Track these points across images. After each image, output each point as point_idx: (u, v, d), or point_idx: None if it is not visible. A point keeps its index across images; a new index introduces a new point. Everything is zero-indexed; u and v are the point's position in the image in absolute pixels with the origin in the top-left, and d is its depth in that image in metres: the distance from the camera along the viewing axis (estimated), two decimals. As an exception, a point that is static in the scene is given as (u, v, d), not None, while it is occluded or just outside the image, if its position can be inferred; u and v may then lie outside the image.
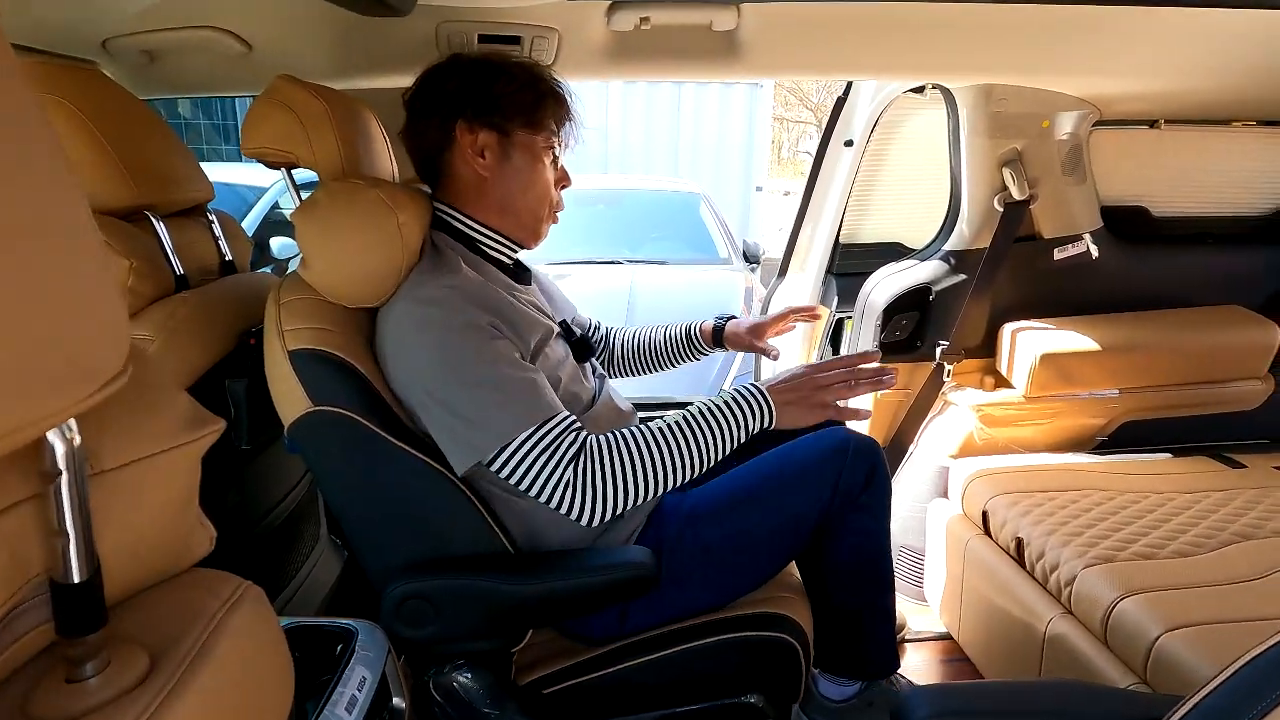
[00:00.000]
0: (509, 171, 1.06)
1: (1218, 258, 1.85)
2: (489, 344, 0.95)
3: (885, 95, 1.72)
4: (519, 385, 0.95)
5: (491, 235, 1.10)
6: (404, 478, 0.99)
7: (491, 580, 1.00)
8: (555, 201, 1.14)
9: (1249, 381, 1.77)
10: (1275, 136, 1.82)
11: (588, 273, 3.69)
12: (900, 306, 1.76)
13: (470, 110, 1.03)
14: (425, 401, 0.96)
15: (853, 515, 1.14)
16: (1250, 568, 1.23)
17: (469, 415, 0.94)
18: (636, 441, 0.98)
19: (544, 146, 1.08)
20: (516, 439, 0.93)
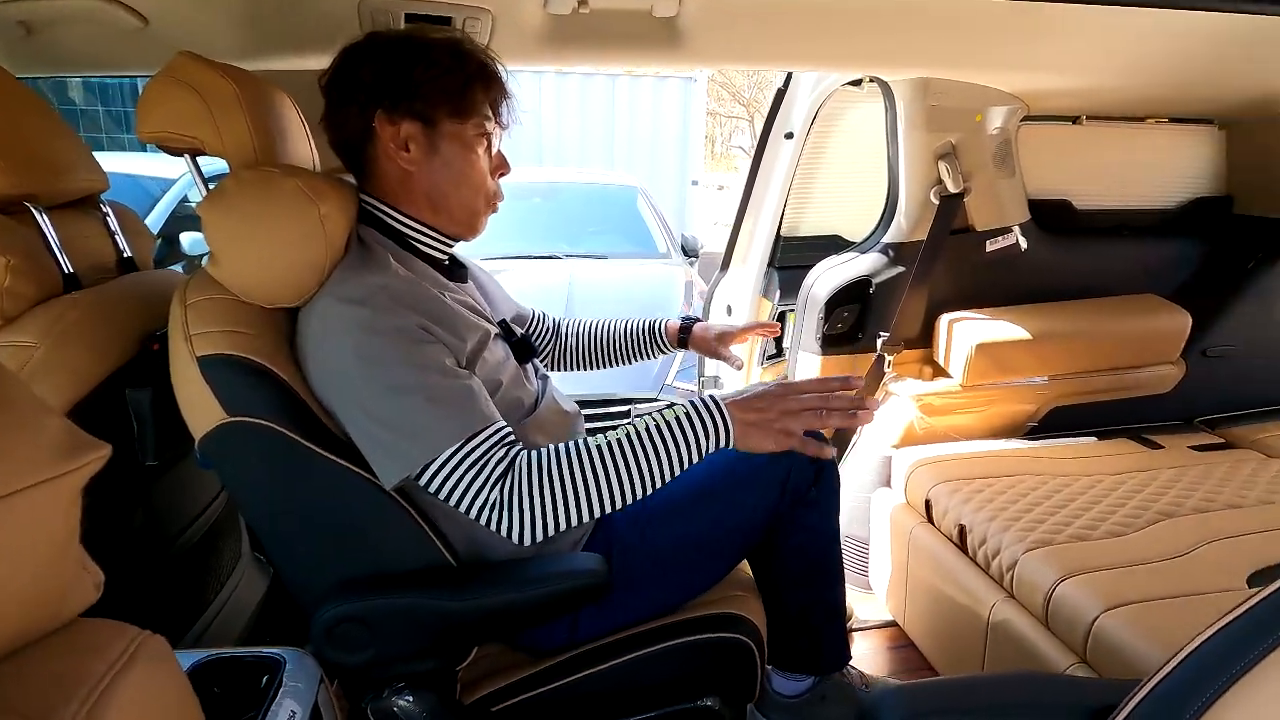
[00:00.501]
0: (437, 165, 0.97)
1: (1134, 249, 1.94)
2: (418, 348, 0.88)
3: (825, 87, 1.72)
4: (449, 394, 0.88)
5: (423, 230, 1.02)
6: (333, 491, 0.91)
7: (433, 597, 0.93)
8: (492, 192, 1.05)
9: (1163, 366, 1.86)
10: (1185, 133, 1.92)
11: (525, 268, 3.60)
12: (842, 299, 1.76)
13: (389, 100, 0.93)
14: (348, 409, 0.88)
15: (802, 511, 1.13)
16: (1175, 545, 1.29)
17: (395, 425, 0.86)
18: (575, 459, 0.89)
19: (476, 134, 0.98)
20: (444, 453, 0.86)
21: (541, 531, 0.88)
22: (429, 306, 0.92)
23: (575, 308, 3.23)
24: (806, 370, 1.86)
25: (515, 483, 0.87)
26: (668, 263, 3.99)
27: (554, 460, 0.89)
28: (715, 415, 0.91)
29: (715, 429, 0.90)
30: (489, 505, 0.87)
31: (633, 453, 0.90)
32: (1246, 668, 0.55)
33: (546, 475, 0.88)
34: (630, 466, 0.89)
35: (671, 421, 0.91)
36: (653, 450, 0.90)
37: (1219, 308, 1.90)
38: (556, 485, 0.88)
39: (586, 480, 0.88)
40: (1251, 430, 1.82)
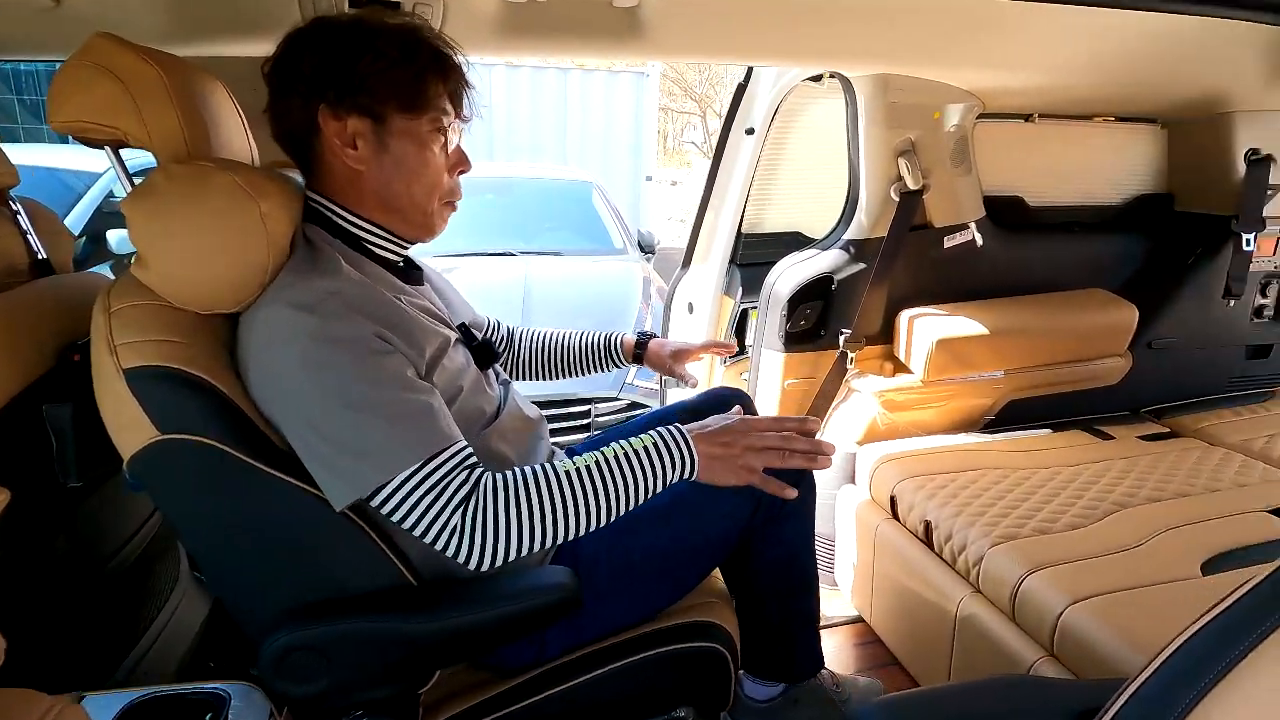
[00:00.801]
0: (387, 164, 0.90)
1: (1083, 244, 1.99)
2: (373, 359, 0.82)
3: (785, 83, 1.71)
4: (406, 411, 0.82)
5: (375, 231, 0.95)
6: (282, 511, 0.85)
7: (393, 621, 0.88)
8: (449, 190, 0.98)
9: (1112, 358, 1.92)
10: (1130, 132, 1.97)
11: (478, 265, 3.51)
12: (804, 296, 1.76)
13: (333, 93, 0.86)
14: (294, 424, 0.82)
15: (777, 526, 1.11)
16: (1132, 535, 1.32)
17: (347, 444, 0.80)
18: (540, 484, 0.86)
19: (431, 130, 0.91)
20: (400, 475, 0.80)
21: (502, 557, 0.84)
22: (384, 313, 0.86)
23: (532, 306, 3.17)
24: (770, 368, 1.85)
25: (479, 507, 0.83)
26: (625, 259, 3.95)
27: (519, 484, 0.86)
28: (681, 447, 0.91)
29: (680, 461, 0.91)
30: (449, 530, 0.82)
31: (600, 480, 0.88)
32: (1228, 668, 0.55)
33: (512, 500, 0.84)
34: (596, 494, 0.87)
35: (640, 451, 0.90)
36: (619, 479, 0.88)
37: (1163, 301, 1.96)
38: (522, 510, 0.84)
39: (552, 506, 0.85)
40: (1194, 419, 1.88)
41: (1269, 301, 2.07)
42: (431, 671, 0.96)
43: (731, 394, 1.40)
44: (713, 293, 2.03)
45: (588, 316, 3.22)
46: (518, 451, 1.07)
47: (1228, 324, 2.04)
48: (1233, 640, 0.56)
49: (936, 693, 0.71)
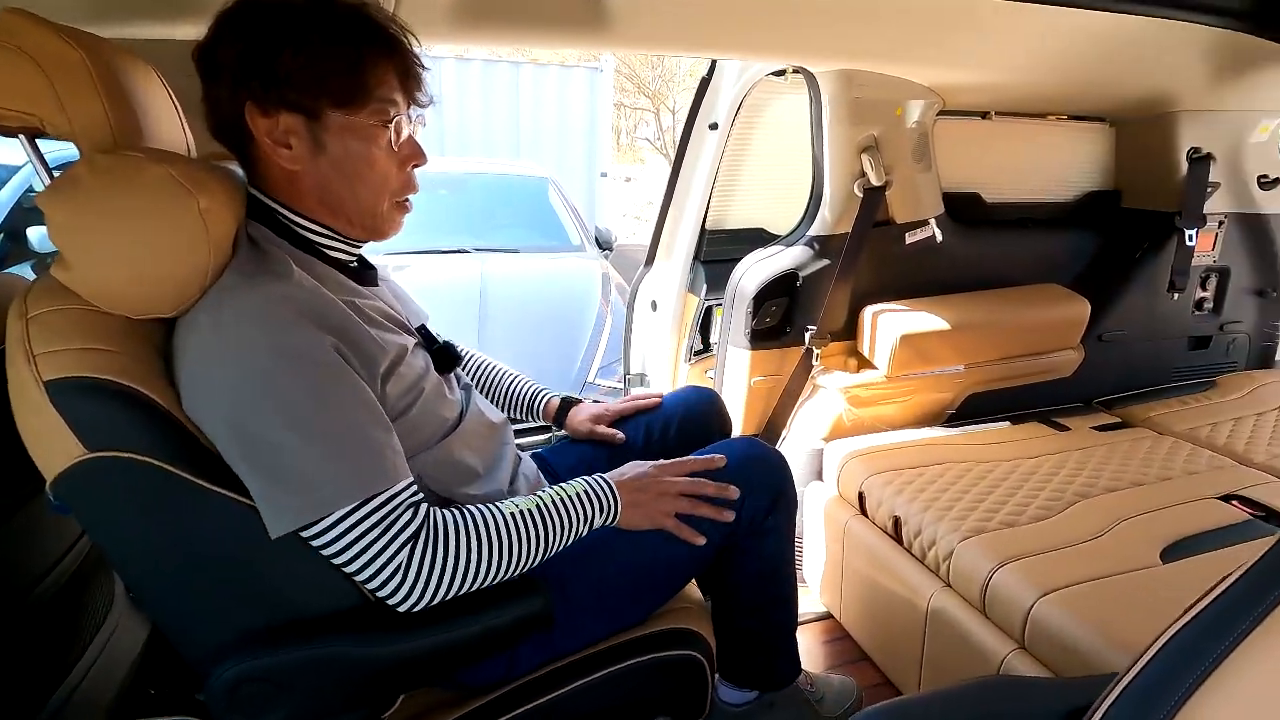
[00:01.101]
0: (325, 165, 0.82)
1: (1037, 240, 2.03)
2: (324, 380, 0.76)
3: (749, 77, 1.69)
4: (358, 439, 0.77)
5: (323, 231, 0.88)
6: (230, 531, 0.78)
7: (353, 644, 0.82)
8: (400, 188, 0.90)
9: (1066, 351, 1.96)
10: (1080, 130, 2.02)
11: (431, 263, 3.41)
12: (770, 293, 1.74)
13: (258, 87, 0.78)
14: (230, 443, 0.75)
15: (758, 540, 1.09)
16: (1094, 525, 1.34)
17: (285, 472, 0.74)
18: (487, 525, 0.85)
19: (375, 124, 0.83)
20: (342, 509, 0.75)
21: (440, 598, 0.81)
22: (342, 322, 0.80)
23: (489, 305, 3.10)
24: (736, 365, 1.83)
25: (428, 544, 0.80)
26: (582, 256, 3.90)
27: (469, 524, 0.84)
28: (608, 495, 0.96)
29: (606, 507, 0.96)
30: (393, 566, 0.78)
31: (542, 522, 0.89)
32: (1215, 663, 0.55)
33: (461, 539, 0.82)
34: (535, 537, 0.88)
35: (574, 498, 0.93)
36: (556, 523, 0.90)
37: (1112, 295, 2.02)
38: (470, 550, 0.82)
39: (496, 548, 0.84)
40: (1143, 409, 1.94)
41: (1208, 295, 2.15)
42: (396, 695, 0.91)
43: (703, 393, 1.38)
44: (677, 290, 2.00)
45: (547, 316, 3.17)
46: (483, 459, 1.03)
47: (1172, 317, 2.11)
48: (1218, 634, 0.56)
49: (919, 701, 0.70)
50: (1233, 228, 2.08)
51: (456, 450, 0.97)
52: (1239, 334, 2.22)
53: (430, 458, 0.93)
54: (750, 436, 1.29)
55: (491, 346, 2.77)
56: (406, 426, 0.88)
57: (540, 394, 1.31)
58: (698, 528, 1.04)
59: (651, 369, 2.16)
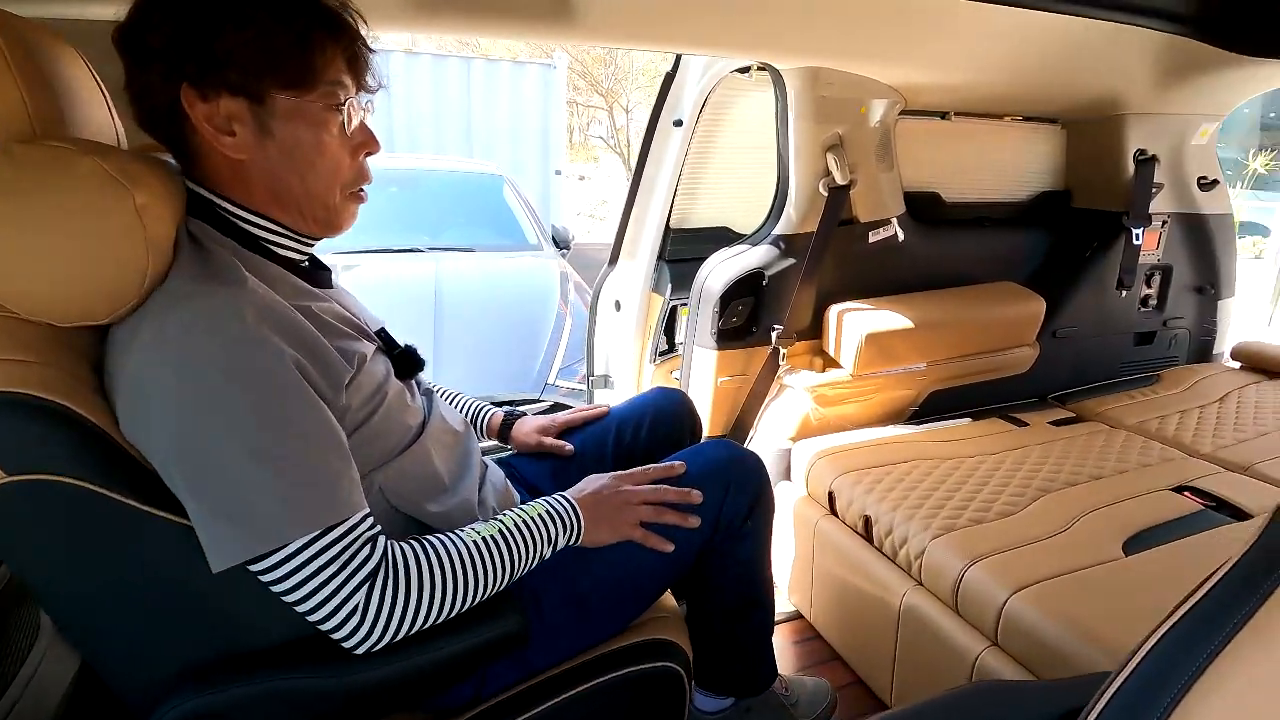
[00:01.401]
0: (273, 152, 0.76)
1: (993, 239, 2.07)
2: (282, 396, 0.69)
3: (714, 73, 1.67)
4: (313, 466, 0.70)
5: (272, 228, 0.81)
6: (173, 557, 0.72)
7: (312, 675, 0.76)
8: (354, 177, 0.84)
9: (1023, 348, 2.01)
10: (1034, 131, 2.07)
11: (383, 263, 3.30)
12: (736, 292, 1.72)
13: (195, 69, 0.71)
14: (170, 466, 0.68)
15: (736, 544, 1.07)
16: (1058, 520, 1.36)
17: (232, 500, 0.67)
18: (450, 556, 0.80)
19: (325, 107, 0.77)
20: (293, 542, 0.69)
21: (400, 636, 0.76)
22: (300, 334, 0.73)
23: (444, 306, 3.01)
24: (702, 366, 1.81)
25: (387, 582, 0.74)
26: (540, 255, 3.83)
27: (431, 557, 0.79)
28: (571, 515, 0.93)
29: (569, 528, 0.93)
30: (349, 606, 0.71)
31: (506, 548, 0.85)
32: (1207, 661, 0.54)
33: (422, 573, 0.77)
34: (498, 566, 0.84)
35: (536, 520, 0.90)
36: (520, 548, 0.87)
37: (1065, 293, 2.07)
38: (425, 588, 0.77)
39: (461, 580, 0.80)
40: (1095, 403, 2.00)
41: (1153, 292, 2.23)
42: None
43: (672, 395, 1.35)
44: (641, 290, 1.97)
45: (505, 316, 3.10)
46: (448, 469, 0.97)
47: (1120, 313, 2.18)
48: (1206, 635, 0.55)
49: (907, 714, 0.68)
50: (1175, 227, 2.16)
51: (421, 460, 0.92)
52: (1180, 329, 2.31)
53: (394, 469, 0.87)
54: (725, 439, 1.27)
55: (448, 348, 2.70)
56: (367, 436, 0.83)
57: (482, 411, 1.26)
58: (668, 536, 1.01)
59: (615, 370, 2.12)
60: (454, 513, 0.93)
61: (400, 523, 0.88)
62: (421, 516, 0.90)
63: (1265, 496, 1.45)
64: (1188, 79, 1.79)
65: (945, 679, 1.24)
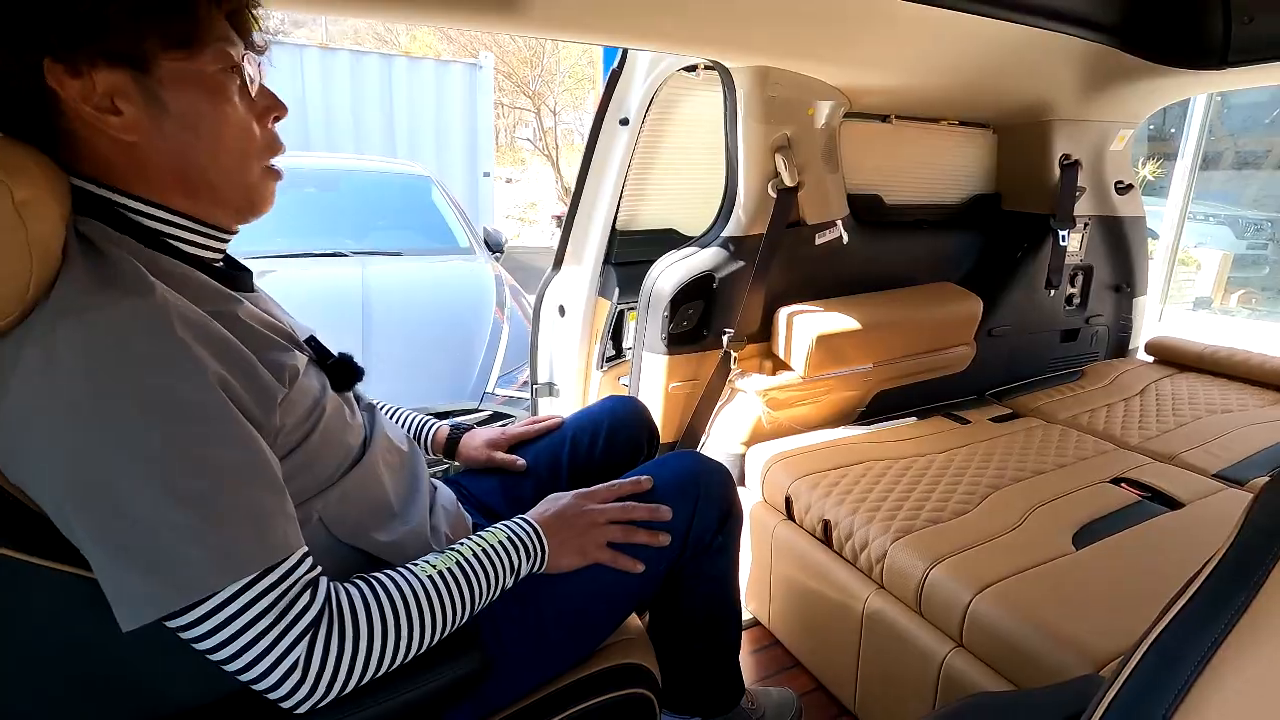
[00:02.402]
0: (171, 128, 0.66)
1: (931, 240, 2.11)
2: (200, 422, 0.59)
3: (661, 71, 1.62)
4: (242, 503, 0.61)
5: (179, 222, 0.70)
6: (70, 617, 0.61)
7: (247, 739, 0.66)
8: (266, 146, 0.74)
9: (961, 347, 2.05)
10: (968, 135, 2.12)
11: (303, 268, 3.10)
12: (686, 296, 1.68)
13: (58, 40, 0.60)
14: (66, 512, 0.57)
15: (706, 561, 1.02)
16: (1010, 517, 1.38)
17: (142, 548, 0.57)
18: (402, 597, 0.71)
19: (221, 70, 0.67)
20: (223, 593, 0.59)
21: (348, 689, 0.67)
22: (223, 347, 0.64)
23: (373, 313, 2.85)
24: (652, 371, 1.76)
25: (331, 634, 0.65)
26: (472, 259, 3.70)
27: (374, 601, 0.70)
28: (533, 539, 0.87)
29: (533, 553, 0.86)
30: (288, 662, 0.62)
31: (464, 584, 0.77)
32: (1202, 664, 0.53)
33: (364, 622, 0.68)
34: (455, 603, 0.76)
35: (495, 547, 0.83)
36: (480, 581, 0.79)
37: (999, 293, 2.14)
38: (375, 635, 0.68)
39: (409, 624, 0.71)
40: (1029, 399, 2.07)
41: (1076, 291, 2.34)
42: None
43: (629, 403, 1.29)
44: (586, 294, 1.90)
45: (438, 323, 2.96)
46: (396, 492, 0.88)
47: (1047, 312, 2.27)
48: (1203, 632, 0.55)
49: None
50: (1095, 229, 2.26)
51: (366, 484, 0.83)
52: (1100, 326, 2.43)
53: (334, 496, 0.78)
54: (691, 450, 1.22)
55: (378, 358, 2.54)
56: (303, 461, 0.73)
57: (425, 425, 1.17)
58: (635, 555, 0.95)
59: (561, 378, 2.04)
60: (405, 541, 0.84)
61: (344, 556, 0.78)
62: (369, 547, 0.81)
63: (1194, 485, 1.52)
64: (1109, 87, 1.87)
65: (910, 682, 1.23)
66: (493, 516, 1.09)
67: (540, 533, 0.87)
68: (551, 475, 1.19)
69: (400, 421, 1.16)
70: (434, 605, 0.73)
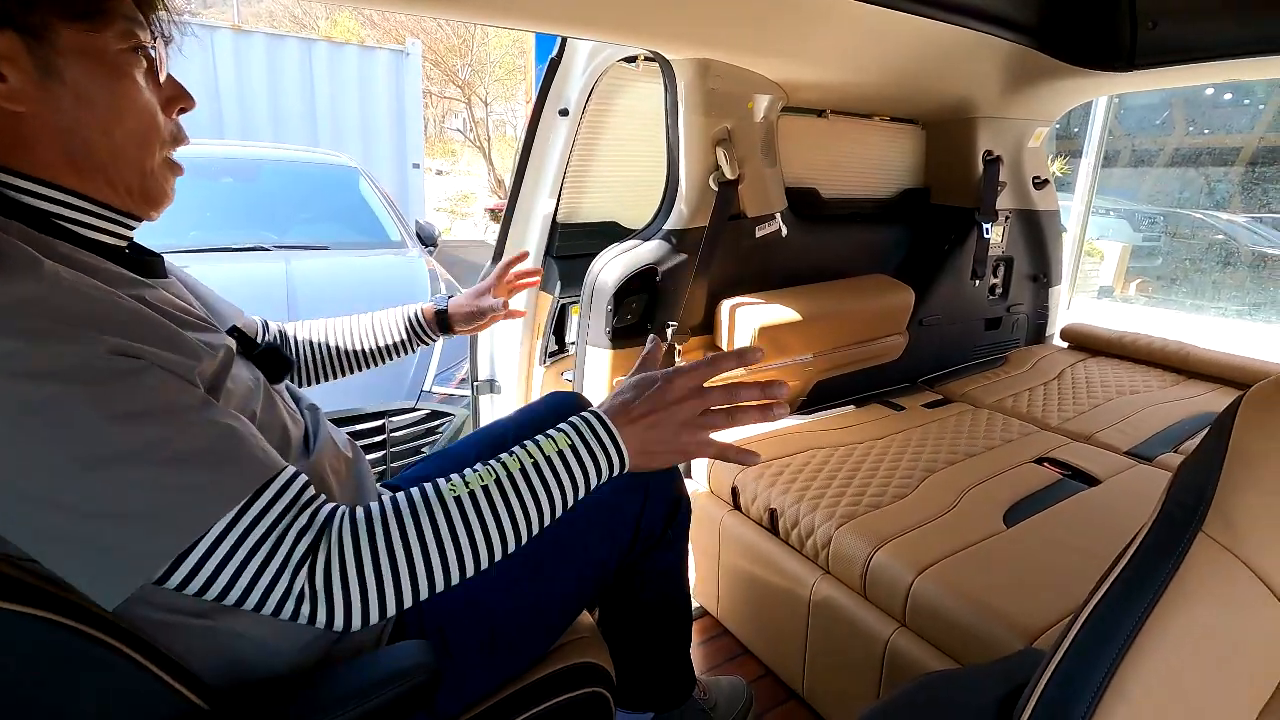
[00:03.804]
0: (65, 100, 0.60)
1: (865, 233, 2.17)
2: (121, 385, 0.54)
3: (600, 62, 1.60)
4: (196, 441, 0.57)
5: (76, 204, 0.64)
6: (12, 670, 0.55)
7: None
8: (171, 137, 0.69)
9: (895, 336, 2.12)
10: (899, 131, 2.19)
11: (220, 263, 2.93)
12: (629, 289, 1.67)
13: None
14: (15, 508, 0.52)
15: (658, 554, 1.02)
16: (945, 499, 1.44)
17: (106, 509, 0.53)
18: (419, 518, 0.63)
19: (125, 50, 0.63)
20: (209, 533, 0.55)
21: (375, 617, 0.61)
22: (125, 319, 0.58)
23: (300, 310, 2.71)
24: (596, 366, 1.74)
25: (331, 561, 0.59)
26: (404, 253, 3.58)
27: (387, 521, 0.62)
28: (605, 441, 0.69)
29: (608, 459, 0.69)
30: (292, 596, 0.58)
31: (500, 503, 0.65)
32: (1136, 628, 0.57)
33: (380, 544, 0.61)
34: (490, 523, 0.64)
35: (555, 456, 0.68)
36: (529, 494, 0.66)
37: (928, 284, 2.22)
38: (396, 556, 0.61)
39: (438, 544, 0.62)
40: (958, 385, 2.16)
41: (998, 281, 2.45)
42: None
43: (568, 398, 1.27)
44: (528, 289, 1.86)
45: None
46: (341, 501, 0.84)
47: (973, 302, 2.37)
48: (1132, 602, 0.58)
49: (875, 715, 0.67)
50: (1015, 222, 2.38)
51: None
52: (1020, 314, 2.56)
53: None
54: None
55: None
56: None
57: (412, 310, 1.14)
58: (596, 551, 0.94)
59: (502, 373, 2.00)
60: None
61: None
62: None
63: (1108, 463, 1.62)
64: (1027, 86, 1.96)
65: (857, 663, 1.27)
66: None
67: (613, 433, 0.69)
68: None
69: (382, 322, 1.12)
70: (456, 525, 0.63)
